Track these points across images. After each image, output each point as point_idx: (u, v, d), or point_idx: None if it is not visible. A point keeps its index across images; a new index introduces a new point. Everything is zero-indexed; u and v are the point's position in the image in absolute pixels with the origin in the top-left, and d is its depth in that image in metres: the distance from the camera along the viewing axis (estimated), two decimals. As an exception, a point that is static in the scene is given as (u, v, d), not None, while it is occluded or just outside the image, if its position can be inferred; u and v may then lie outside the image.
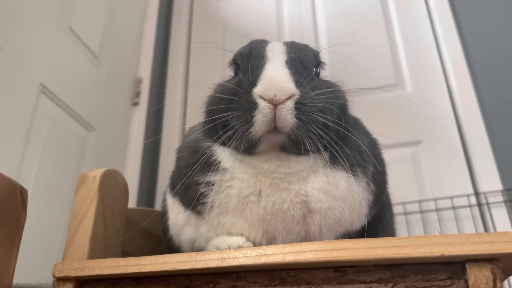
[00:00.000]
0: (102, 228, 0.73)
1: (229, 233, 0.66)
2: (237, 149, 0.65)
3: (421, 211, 1.78)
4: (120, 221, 0.79)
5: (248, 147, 0.64)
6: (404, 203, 1.78)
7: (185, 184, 0.68)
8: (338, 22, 2.38)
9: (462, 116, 1.96)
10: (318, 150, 0.63)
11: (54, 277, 0.63)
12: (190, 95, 2.39)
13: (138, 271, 0.59)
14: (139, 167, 2.15)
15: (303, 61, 0.69)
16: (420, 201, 1.79)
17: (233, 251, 0.57)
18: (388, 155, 0.81)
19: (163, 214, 0.80)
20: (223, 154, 0.67)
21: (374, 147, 0.75)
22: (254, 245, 0.64)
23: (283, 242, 0.63)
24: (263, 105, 0.61)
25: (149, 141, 2.25)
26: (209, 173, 0.66)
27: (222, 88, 0.70)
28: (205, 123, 0.71)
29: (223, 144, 0.66)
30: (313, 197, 0.63)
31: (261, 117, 0.60)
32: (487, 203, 1.70)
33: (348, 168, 0.65)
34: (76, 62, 1.87)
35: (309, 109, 0.61)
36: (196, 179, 0.66)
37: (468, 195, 1.74)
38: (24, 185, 0.67)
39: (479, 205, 1.73)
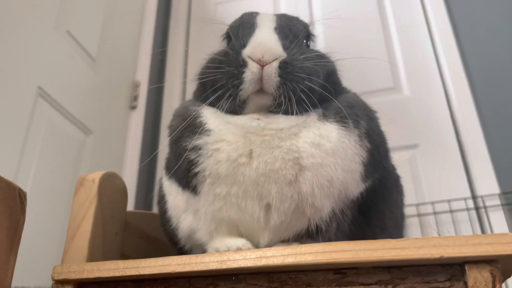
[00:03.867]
0: (101, 231, 0.73)
1: (230, 233, 0.66)
2: (225, 109, 0.66)
3: (419, 215, 1.78)
4: (119, 224, 0.79)
5: (236, 107, 0.65)
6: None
7: (176, 153, 0.67)
8: (335, 26, 2.39)
9: (459, 119, 1.97)
10: (306, 111, 0.64)
11: (53, 280, 0.63)
12: (188, 98, 2.38)
13: (137, 273, 0.59)
14: (136, 170, 2.14)
15: (292, 29, 0.71)
16: (417, 205, 1.80)
17: (232, 253, 0.57)
18: (385, 158, 0.81)
19: (161, 199, 0.79)
20: (209, 116, 0.67)
21: (371, 118, 0.72)
22: (253, 219, 0.63)
23: (278, 211, 0.62)
24: (252, 64, 0.63)
25: (146, 144, 2.25)
26: (195, 136, 0.65)
27: (213, 54, 0.73)
28: (196, 87, 0.75)
29: (212, 105, 0.68)
30: (305, 152, 0.62)
31: (250, 75, 0.63)
32: (485, 207, 1.71)
33: (339, 120, 0.65)
34: (74, 65, 1.87)
35: (293, 69, 0.64)
36: (184, 144, 0.66)
37: (465, 199, 1.75)
38: (22, 188, 0.67)
39: (477, 208, 1.73)
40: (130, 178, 2.09)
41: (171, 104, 2.42)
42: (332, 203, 0.64)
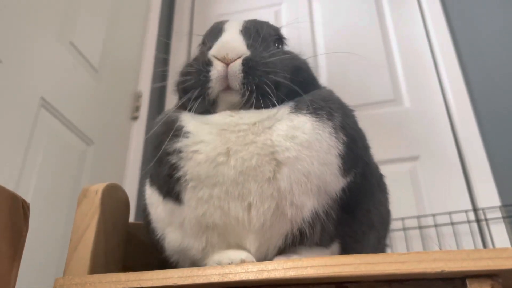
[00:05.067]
0: (103, 242, 0.73)
1: (221, 246, 0.65)
2: (195, 108, 0.68)
3: (420, 227, 1.78)
4: (121, 236, 0.79)
5: (207, 107, 0.68)
6: (402, 219, 1.78)
7: (157, 158, 0.68)
8: (336, 39, 2.40)
9: (459, 131, 1.98)
10: (274, 105, 0.65)
11: (54, 292, 0.63)
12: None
13: (139, 286, 0.59)
14: (137, 181, 2.14)
15: (258, 31, 0.74)
16: (418, 217, 1.80)
17: (234, 266, 0.57)
18: (385, 170, 0.81)
19: (144, 208, 0.78)
20: (187, 119, 0.69)
21: (347, 114, 0.71)
22: (237, 222, 0.63)
23: (258, 211, 0.62)
24: (216, 63, 0.66)
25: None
26: (175, 139, 0.66)
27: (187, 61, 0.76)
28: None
29: (185, 108, 0.70)
30: (280, 146, 0.62)
31: (215, 73, 0.66)
32: (486, 219, 1.71)
33: (312, 112, 0.65)
34: (76, 76, 1.88)
35: (256, 64, 0.66)
36: (165, 148, 0.67)
37: (466, 211, 1.75)
38: (23, 197, 0.67)
39: (478, 221, 1.73)
40: (130, 189, 2.09)
41: (172, 115, 2.43)
42: (313, 202, 0.63)
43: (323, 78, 2.05)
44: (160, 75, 2.56)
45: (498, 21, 2.17)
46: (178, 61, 2.62)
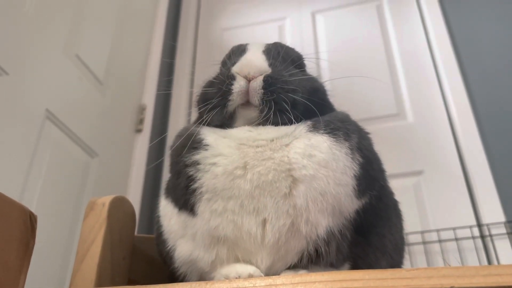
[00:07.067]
0: (109, 255, 0.73)
1: (229, 259, 0.65)
2: (214, 120, 0.70)
3: (424, 242, 1.77)
4: (126, 249, 0.79)
5: (224, 119, 0.70)
6: (406, 234, 1.77)
7: (176, 171, 0.69)
8: (339, 54, 2.42)
9: (463, 146, 1.98)
10: (291, 123, 0.67)
11: (61, 305, 0.63)
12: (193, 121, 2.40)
13: (146, 299, 0.59)
14: (140, 193, 2.15)
15: (280, 53, 0.76)
16: (422, 232, 1.79)
17: (242, 281, 0.57)
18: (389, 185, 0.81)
19: (157, 220, 0.78)
20: (206, 133, 0.70)
21: (363, 136, 0.71)
22: (249, 237, 0.63)
23: (273, 227, 0.62)
24: (239, 78, 0.69)
25: (151, 168, 2.25)
26: (194, 151, 0.67)
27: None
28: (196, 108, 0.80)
29: (204, 122, 0.71)
30: (297, 163, 0.62)
31: (238, 87, 0.68)
32: (490, 235, 1.70)
33: (329, 132, 0.65)
34: (81, 88, 1.90)
35: (276, 82, 0.68)
36: (184, 160, 0.67)
37: (471, 227, 1.74)
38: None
39: (482, 236, 1.72)
40: (133, 201, 2.08)
41: (176, 128, 2.43)
42: (328, 220, 0.63)
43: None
44: (165, 87, 2.58)
45: (501, 35, 2.18)
46: (183, 73, 2.64)
